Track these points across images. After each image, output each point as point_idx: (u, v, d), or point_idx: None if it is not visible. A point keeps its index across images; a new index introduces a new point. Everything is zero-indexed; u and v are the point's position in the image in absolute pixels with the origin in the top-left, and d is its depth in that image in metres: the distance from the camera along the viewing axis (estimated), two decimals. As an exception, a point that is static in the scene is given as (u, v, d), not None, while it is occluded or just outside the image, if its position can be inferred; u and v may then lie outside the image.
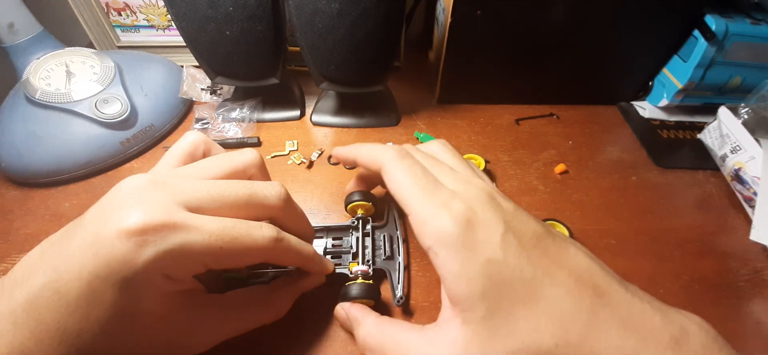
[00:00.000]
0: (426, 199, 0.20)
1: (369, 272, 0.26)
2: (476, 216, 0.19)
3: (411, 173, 0.21)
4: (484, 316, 0.17)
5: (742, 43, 0.37)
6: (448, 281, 0.18)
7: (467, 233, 0.18)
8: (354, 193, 0.30)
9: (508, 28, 0.39)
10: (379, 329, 0.22)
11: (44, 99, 0.34)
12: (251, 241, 0.20)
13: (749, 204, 0.34)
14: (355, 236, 0.29)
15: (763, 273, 0.30)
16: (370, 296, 0.25)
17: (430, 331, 0.20)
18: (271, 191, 0.22)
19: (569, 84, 0.44)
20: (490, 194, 0.20)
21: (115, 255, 0.17)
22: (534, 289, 0.17)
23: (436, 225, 0.19)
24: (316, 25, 0.33)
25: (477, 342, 0.18)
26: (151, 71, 0.42)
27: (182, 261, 0.18)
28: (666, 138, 0.42)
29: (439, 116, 0.44)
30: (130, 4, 0.46)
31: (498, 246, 0.18)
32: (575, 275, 0.18)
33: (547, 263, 0.18)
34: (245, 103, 0.41)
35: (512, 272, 0.18)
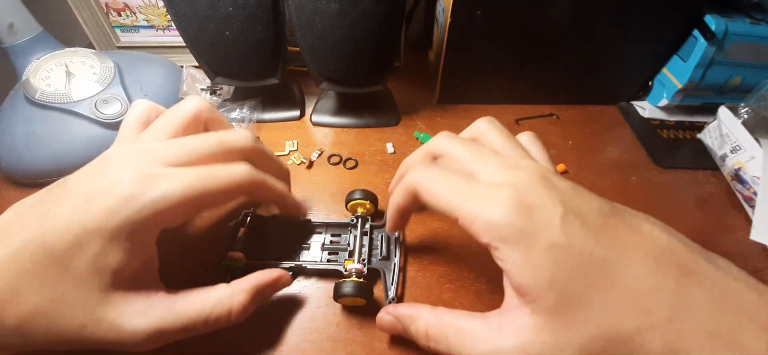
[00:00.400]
0: (467, 197, 0.19)
1: (363, 270, 0.26)
2: (528, 200, 0.17)
3: (443, 180, 0.20)
4: (554, 305, 0.16)
5: (741, 43, 0.37)
6: (512, 272, 0.17)
7: (523, 219, 0.17)
8: (355, 191, 0.30)
9: (508, 28, 0.39)
10: (438, 319, 0.21)
11: (44, 99, 0.34)
12: (229, 176, 0.21)
13: (749, 204, 0.34)
14: (353, 234, 0.29)
15: (763, 273, 0.30)
16: (362, 294, 0.25)
17: (495, 318, 0.19)
18: (238, 134, 0.23)
19: (569, 84, 0.44)
20: (541, 174, 0.19)
21: (106, 208, 0.18)
22: (607, 272, 0.16)
23: (486, 219, 0.17)
24: (316, 25, 0.33)
25: (549, 331, 0.17)
26: (151, 71, 0.42)
27: (170, 207, 0.19)
28: (666, 138, 0.42)
29: (439, 116, 0.44)
30: (130, 5, 0.46)
31: (559, 229, 0.17)
32: (654, 253, 0.16)
33: (619, 243, 0.17)
34: (245, 103, 0.41)
35: (580, 255, 0.16)
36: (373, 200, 0.30)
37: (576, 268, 0.16)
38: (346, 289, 0.24)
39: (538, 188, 0.18)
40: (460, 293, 0.28)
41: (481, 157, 0.21)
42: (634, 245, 0.17)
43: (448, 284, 0.29)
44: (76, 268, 0.18)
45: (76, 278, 0.18)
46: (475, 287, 0.28)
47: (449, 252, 0.30)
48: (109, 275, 0.19)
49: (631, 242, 0.17)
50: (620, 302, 0.16)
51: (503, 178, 0.19)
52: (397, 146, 0.40)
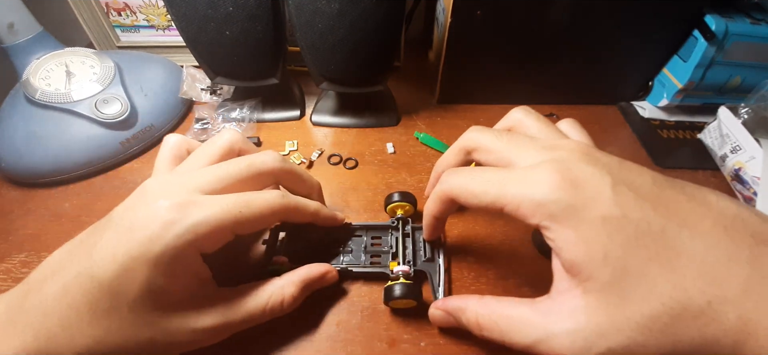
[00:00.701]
0: (507, 183, 0.18)
1: (410, 272, 0.26)
2: (573, 174, 0.16)
3: (476, 178, 0.20)
4: (609, 281, 0.15)
5: (741, 43, 0.37)
6: (564, 250, 0.16)
7: (569, 193, 0.16)
8: (394, 193, 0.30)
9: (508, 28, 0.39)
10: (486, 307, 0.20)
11: (44, 99, 0.34)
12: (261, 203, 0.22)
13: (749, 204, 0.34)
14: (394, 236, 0.29)
15: (763, 273, 0.30)
16: (413, 296, 0.24)
17: (543, 303, 0.18)
18: (267, 157, 0.24)
19: (569, 84, 0.44)
20: (583, 150, 0.18)
21: (148, 235, 0.19)
22: (669, 242, 0.15)
23: (531, 199, 0.17)
24: (316, 25, 0.33)
25: (604, 310, 0.15)
26: (151, 71, 0.42)
27: (208, 232, 0.20)
28: (666, 138, 0.42)
29: (439, 116, 0.44)
30: (130, 4, 0.46)
31: (611, 201, 0.16)
32: (723, 223, 0.15)
33: (681, 213, 0.15)
34: (245, 103, 0.41)
35: (637, 226, 0.15)
36: (412, 201, 0.30)
37: (633, 240, 0.15)
38: (398, 291, 0.24)
39: (581, 162, 0.17)
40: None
41: (516, 144, 0.20)
42: (698, 215, 0.16)
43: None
44: (128, 294, 0.19)
45: (130, 304, 0.19)
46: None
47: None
48: (162, 295, 0.20)
49: (696, 212, 0.16)
50: (686, 274, 0.14)
51: (543, 158, 0.18)
52: (397, 146, 0.40)
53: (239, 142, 0.26)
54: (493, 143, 0.21)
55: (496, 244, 0.31)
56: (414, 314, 0.27)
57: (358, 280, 0.28)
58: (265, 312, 0.23)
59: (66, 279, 0.19)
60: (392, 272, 0.26)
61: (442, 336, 0.26)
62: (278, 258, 0.27)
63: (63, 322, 0.18)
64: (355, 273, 0.28)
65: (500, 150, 0.20)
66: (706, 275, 0.14)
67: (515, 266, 0.29)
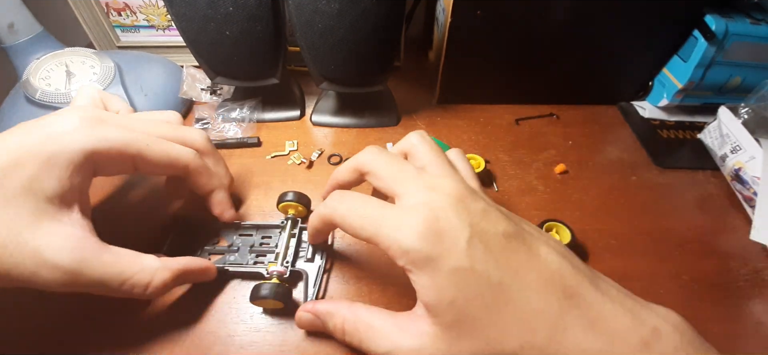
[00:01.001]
0: (382, 224, 0.19)
1: (285, 273, 0.26)
2: (439, 224, 0.18)
3: (354, 213, 0.21)
4: (452, 321, 0.18)
5: (741, 43, 0.37)
6: (420, 293, 0.19)
7: (430, 245, 0.18)
8: (287, 192, 0.30)
9: (508, 28, 0.39)
10: (354, 314, 0.22)
11: (44, 99, 0.34)
12: (173, 147, 0.24)
13: (749, 204, 0.34)
14: (282, 236, 0.29)
15: (763, 273, 0.30)
16: (279, 297, 0.24)
17: (402, 319, 0.20)
18: (196, 131, 0.27)
19: (569, 84, 0.44)
20: (457, 196, 0.20)
21: (48, 133, 0.20)
22: (502, 293, 0.18)
23: (398, 245, 0.19)
24: (316, 25, 0.33)
25: (444, 341, 0.18)
26: (151, 71, 0.42)
27: (109, 149, 0.21)
28: (666, 138, 0.42)
29: (439, 116, 0.44)
30: (130, 4, 0.46)
31: (464, 254, 0.18)
32: (544, 276, 0.18)
33: (516, 266, 0.18)
34: (245, 103, 0.41)
35: (479, 278, 0.18)
36: (306, 202, 0.30)
37: (475, 289, 0.18)
38: (264, 291, 0.24)
39: (449, 212, 0.19)
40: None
41: (402, 177, 0.21)
42: (529, 267, 0.18)
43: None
44: (9, 186, 0.19)
45: (7, 196, 0.19)
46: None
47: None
48: (42, 200, 0.20)
49: (527, 264, 0.18)
50: (509, 321, 0.17)
51: (420, 200, 0.20)
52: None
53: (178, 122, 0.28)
54: (384, 171, 0.22)
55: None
56: None
57: (234, 279, 0.28)
58: (124, 286, 0.21)
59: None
60: (267, 272, 0.26)
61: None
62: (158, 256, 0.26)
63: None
64: (231, 273, 0.28)
65: (388, 179, 0.22)
66: (523, 322, 0.17)
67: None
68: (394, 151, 0.26)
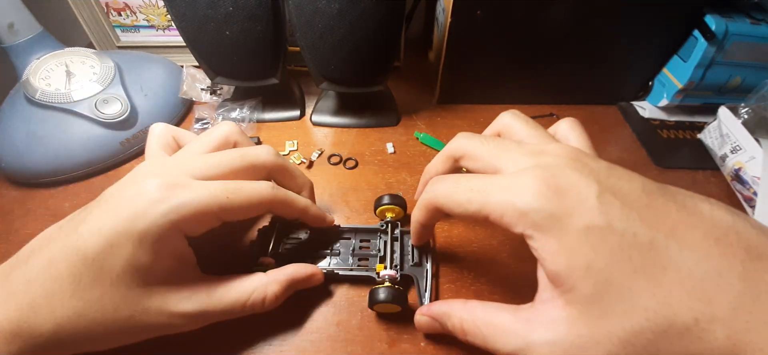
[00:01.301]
0: (491, 191, 0.18)
1: (397, 276, 0.26)
2: (558, 181, 0.16)
3: (460, 187, 0.19)
4: (592, 293, 0.15)
5: (742, 43, 0.37)
6: (547, 261, 0.16)
7: (553, 202, 0.15)
8: (384, 195, 0.30)
9: (508, 27, 0.39)
10: (470, 313, 0.20)
11: (44, 99, 0.34)
12: (251, 192, 0.22)
13: (749, 204, 0.34)
14: (383, 239, 0.29)
15: (763, 273, 0.30)
16: (398, 301, 0.24)
17: (526, 311, 0.18)
18: (262, 150, 0.25)
19: (569, 84, 0.44)
20: (570, 155, 0.17)
21: (134, 211, 0.19)
22: (656, 255, 0.14)
23: (514, 208, 0.16)
24: (316, 25, 0.33)
25: (584, 323, 0.15)
26: (151, 71, 0.42)
27: (193, 213, 0.20)
28: (666, 138, 0.42)
29: (439, 116, 0.44)
30: (130, 4, 0.46)
31: (596, 210, 0.15)
32: (715, 235, 0.14)
33: (670, 224, 0.15)
34: (245, 103, 0.41)
35: (622, 237, 0.15)
36: (402, 204, 0.30)
37: (617, 251, 0.14)
38: (383, 295, 0.24)
39: (567, 169, 0.17)
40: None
41: (503, 150, 0.20)
42: (689, 225, 0.15)
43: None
44: (112, 268, 0.19)
45: (112, 279, 0.19)
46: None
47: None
48: (145, 272, 0.20)
49: (686, 222, 0.15)
50: (673, 289, 0.14)
51: (528, 163, 0.18)
52: (397, 146, 0.40)
53: (235, 134, 0.26)
54: (480, 150, 0.21)
55: (489, 249, 0.31)
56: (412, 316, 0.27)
57: (344, 283, 0.28)
58: (246, 307, 0.23)
59: (52, 252, 0.19)
60: (378, 276, 0.26)
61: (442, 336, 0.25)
62: (265, 259, 0.27)
63: (46, 292, 0.18)
64: (341, 276, 0.28)
65: (486, 157, 0.20)
66: (694, 290, 0.14)
67: (507, 271, 0.29)
68: (486, 132, 0.25)
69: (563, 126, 0.23)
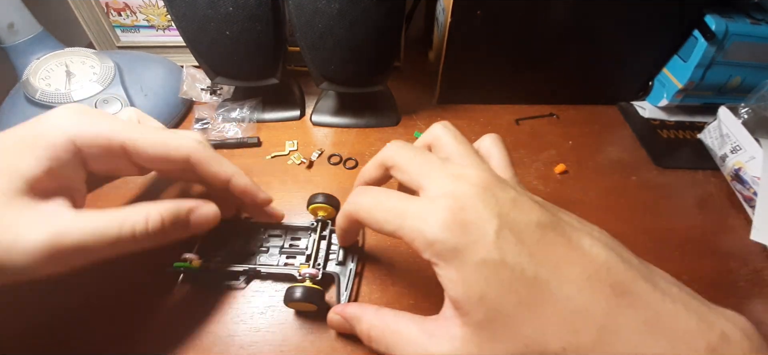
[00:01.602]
0: (406, 216, 0.19)
1: (317, 275, 0.26)
2: (464, 214, 0.17)
3: (380, 204, 0.20)
4: (483, 319, 0.17)
5: (742, 43, 0.37)
6: (448, 288, 0.18)
7: (456, 235, 0.17)
8: (318, 194, 0.30)
9: (508, 27, 0.39)
10: (380, 320, 0.21)
11: (44, 99, 0.34)
12: (174, 137, 0.23)
13: (749, 204, 0.34)
14: (312, 237, 0.29)
15: (763, 273, 0.30)
16: (313, 300, 0.24)
17: (430, 323, 0.19)
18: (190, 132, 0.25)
19: (569, 84, 0.44)
20: (484, 184, 0.18)
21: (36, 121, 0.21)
22: (539, 288, 0.16)
23: (423, 237, 0.18)
24: (316, 25, 0.33)
25: (476, 343, 0.17)
26: (151, 71, 0.42)
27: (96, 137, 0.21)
28: (666, 138, 0.42)
29: (439, 116, 0.44)
30: (130, 4, 0.46)
31: (492, 245, 0.16)
32: (589, 270, 0.16)
33: (555, 259, 0.16)
34: (245, 103, 0.41)
35: (512, 271, 0.16)
36: (335, 204, 0.30)
37: (507, 284, 0.16)
38: (297, 294, 0.24)
39: (476, 201, 0.18)
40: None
41: (428, 169, 0.21)
42: (570, 261, 0.17)
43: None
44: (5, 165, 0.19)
45: None
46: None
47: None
48: (19, 181, 0.19)
49: (568, 258, 0.17)
50: (549, 320, 0.16)
51: (444, 190, 0.19)
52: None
53: None
54: (408, 164, 0.22)
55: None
56: None
57: (268, 280, 0.28)
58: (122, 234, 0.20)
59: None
60: (299, 274, 0.26)
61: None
62: (188, 255, 0.26)
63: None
64: (264, 274, 0.28)
65: (412, 172, 0.21)
66: (565, 322, 0.15)
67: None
68: (419, 143, 0.25)
69: (486, 142, 0.25)
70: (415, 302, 0.28)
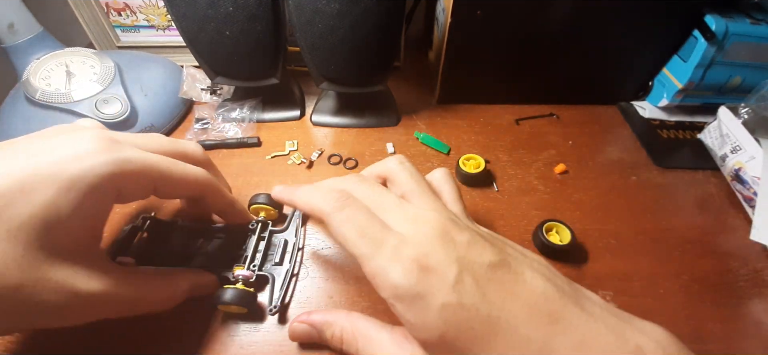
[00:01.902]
0: (374, 252, 0.19)
1: (251, 277, 0.26)
2: (428, 261, 0.18)
3: (354, 225, 0.20)
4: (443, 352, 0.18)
5: (742, 43, 0.37)
6: (409, 328, 0.19)
7: (419, 282, 0.18)
8: (260, 194, 0.29)
9: (508, 27, 0.39)
10: (352, 324, 0.22)
11: (44, 99, 0.34)
12: (190, 168, 0.24)
13: (749, 204, 0.34)
14: (251, 238, 0.28)
15: (763, 273, 0.30)
16: (243, 303, 0.24)
17: (399, 334, 0.21)
18: (193, 145, 0.27)
19: (569, 84, 0.44)
20: (442, 229, 0.20)
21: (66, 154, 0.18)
22: (491, 325, 0.18)
23: (387, 279, 0.18)
24: (316, 25, 0.33)
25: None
26: (151, 71, 0.42)
27: (135, 171, 0.20)
28: (666, 138, 0.42)
29: (439, 116, 0.44)
30: (130, 4, 0.46)
31: (451, 289, 0.18)
32: (530, 302, 0.18)
33: (502, 296, 0.18)
34: (245, 103, 0.41)
35: (467, 312, 0.18)
36: (278, 206, 0.29)
37: (464, 323, 0.18)
38: (227, 296, 0.24)
39: (436, 246, 0.19)
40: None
41: (385, 209, 0.21)
42: (515, 295, 0.18)
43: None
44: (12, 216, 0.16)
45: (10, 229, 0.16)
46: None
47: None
48: (55, 230, 0.17)
49: (513, 293, 0.18)
50: (500, 351, 0.17)
51: (408, 231, 0.20)
52: (398, 146, 0.40)
53: None
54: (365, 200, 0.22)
55: None
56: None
57: None
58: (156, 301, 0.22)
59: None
60: (232, 276, 0.26)
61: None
62: (123, 258, 0.25)
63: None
64: None
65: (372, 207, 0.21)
66: (513, 351, 0.17)
67: None
68: (372, 173, 0.26)
69: (437, 176, 0.26)
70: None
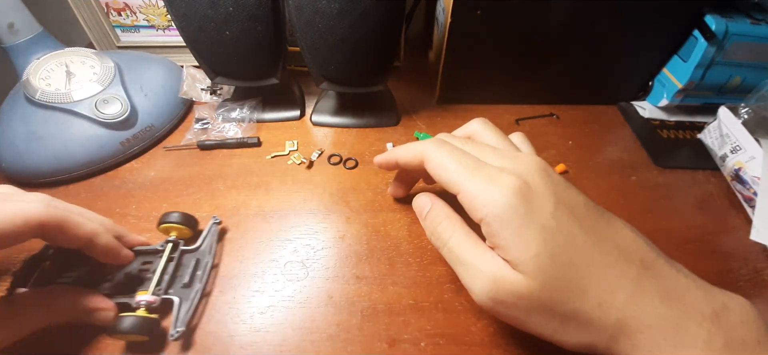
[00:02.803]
0: (473, 176, 0.21)
1: (155, 303, 0.24)
2: (529, 187, 0.20)
3: (454, 157, 0.22)
4: (536, 272, 0.19)
5: (742, 43, 0.37)
6: (503, 248, 0.20)
7: (521, 203, 0.19)
8: (172, 212, 0.28)
9: (508, 27, 0.39)
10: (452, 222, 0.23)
11: (44, 99, 0.34)
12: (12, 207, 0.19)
13: (749, 204, 0.34)
14: (160, 261, 0.26)
15: (763, 273, 0.30)
16: (143, 331, 0.23)
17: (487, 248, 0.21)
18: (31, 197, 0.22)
19: (569, 84, 0.44)
20: (541, 165, 0.21)
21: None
22: (585, 255, 0.19)
23: (487, 198, 0.20)
24: (316, 25, 0.33)
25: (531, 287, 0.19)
26: (151, 71, 0.42)
27: None
28: (666, 138, 0.42)
29: (439, 116, 0.44)
30: (130, 4, 0.46)
31: (551, 215, 0.19)
32: (623, 245, 0.20)
33: (598, 233, 0.20)
34: (245, 103, 0.41)
35: (566, 238, 0.19)
36: (192, 224, 0.28)
37: (560, 247, 0.19)
38: (125, 325, 0.22)
39: (536, 177, 0.21)
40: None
41: (480, 152, 0.23)
42: (608, 236, 0.20)
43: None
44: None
45: None
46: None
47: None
48: None
49: (607, 233, 0.20)
50: (590, 281, 0.19)
51: (508, 164, 0.21)
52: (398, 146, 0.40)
53: None
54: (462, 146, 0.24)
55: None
56: (415, 315, 0.27)
57: None
58: None
59: None
60: (135, 302, 0.24)
61: (441, 336, 0.26)
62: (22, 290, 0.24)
63: None
64: None
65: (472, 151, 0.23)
66: (603, 283, 0.19)
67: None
68: (457, 134, 0.28)
69: (517, 139, 0.27)
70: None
